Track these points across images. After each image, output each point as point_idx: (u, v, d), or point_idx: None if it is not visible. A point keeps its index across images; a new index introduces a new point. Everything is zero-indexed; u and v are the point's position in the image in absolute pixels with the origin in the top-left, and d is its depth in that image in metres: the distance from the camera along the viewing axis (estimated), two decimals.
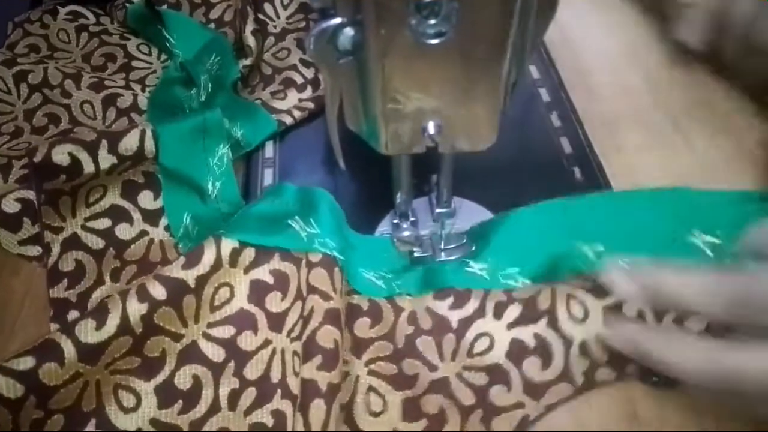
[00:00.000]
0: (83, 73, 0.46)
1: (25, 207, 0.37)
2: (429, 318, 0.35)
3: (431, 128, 0.28)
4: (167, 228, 0.39)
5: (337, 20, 0.25)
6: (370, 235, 0.39)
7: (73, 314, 0.35)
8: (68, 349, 0.30)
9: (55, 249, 0.37)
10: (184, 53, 0.46)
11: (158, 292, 0.32)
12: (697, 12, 0.44)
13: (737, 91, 0.46)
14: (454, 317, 0.35)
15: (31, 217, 0.37)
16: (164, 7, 0.49)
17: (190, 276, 0.33)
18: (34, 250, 0.38)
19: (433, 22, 0.23)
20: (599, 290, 0.34)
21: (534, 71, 0.49)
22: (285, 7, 0.52)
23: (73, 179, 0.36)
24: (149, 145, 0.38)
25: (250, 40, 0.46)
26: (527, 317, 0.34)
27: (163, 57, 0.49)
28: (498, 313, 0.34)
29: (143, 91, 0.46)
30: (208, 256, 0.33)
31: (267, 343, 0.34)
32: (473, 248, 0.36)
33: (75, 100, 0.45)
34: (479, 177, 0.40)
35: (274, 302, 0.34)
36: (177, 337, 0.33)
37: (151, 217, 0.39)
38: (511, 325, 0.34)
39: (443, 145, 0.29)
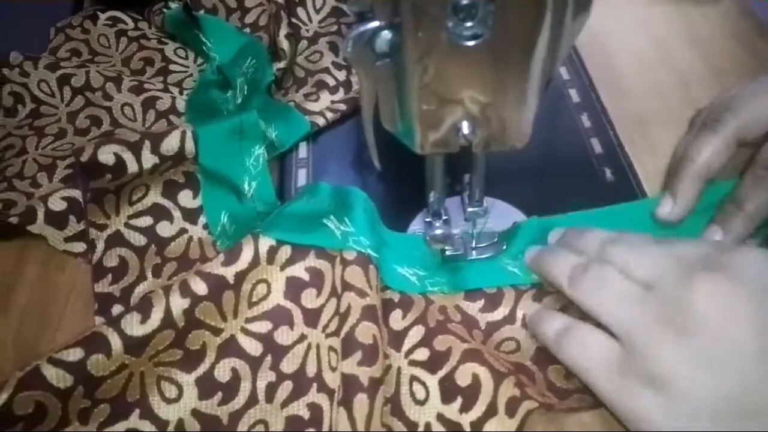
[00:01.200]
0: (123, 77, 0.47)
1: (70, 205, 0.38)
2: (459, 314, 0.35)
3: (465, 128, 0.28)
4: (206, 226, 0.40)
5: (375, 23, 0.25)
6: (402, 233, 0.39)
7: (116, 308, 0.36)
8: (115, 341, 0.31)
9: (100, 245, 0.38)
10: (221, 57, 0.47)
11: (200, 287, 0.33)
12: None
13: None
14: (483, 320, 0.35)
15: (77, 215, 0.39)
16: (201, 12, 0.50)
17: (229, 272, 0.34)
18: (80, 247, 0.39)
19: (469, 24, 0.24)
20: None
21: (564, 72, 0.49)
22: (317, 11, 0.53)
23: (118, 178, 0.37)
24: (189, 145, 0.39)
25: (284, 44, 0.47)
26: None
27: (200, 61, 0.51)
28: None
29: (181, 93, 0.48)
30: (247, 254, 0.34)
31: (303, 338, 0.35)
32: (505, 247, 0.37)
33: (116, 102, 0.46)
34: (510, 177, 0.41)
35: (310, 298, 0.35)
36: (217, 332, 0.34)
37: (191, 215, 0.40)
38: None
39: (477, 144, 0.29)
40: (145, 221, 0.39)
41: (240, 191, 0.41)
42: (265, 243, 0.35)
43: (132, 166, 0.37)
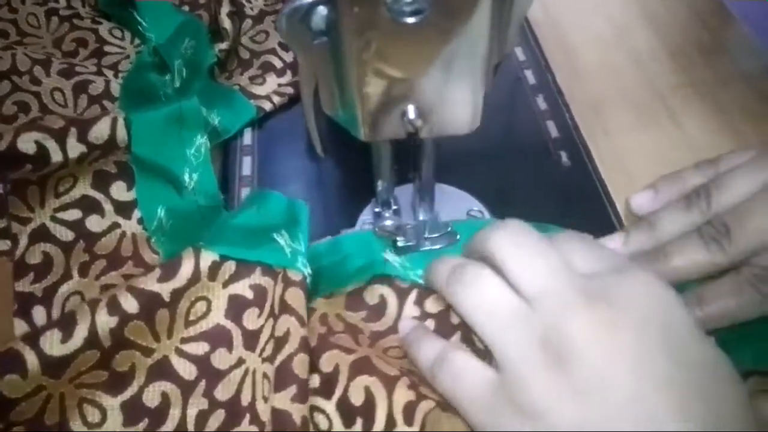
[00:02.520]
0: (53, 59, 0.44)
1: None
2: (341, 323, 0.33)
3: (411, 113, 0.26)
4: (140, 221, 0.37)
5: None
6: (350, 227, 0.37)
7: (37, 309, 0.34)
8: (31, 360, 0.28)
9: (23, 241, 0.35)
10: (157, 37, 0.44)
11: (130, 305, 0.30)
12: None
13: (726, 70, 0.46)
14: (367, 329, 0.33)
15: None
16: None
17: (165, 289, 0.31)
18: (4, 245, 0.36)
19: None
20: None
21: (519, 53, 0.47)
22: None
23: (41, 168, 0.34)
24: (121, 133, 0.36)
25: (226, 23, 0.45)
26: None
27: (137, 41, 0.48)
28: None
29: (116, 77, 0.45)
30: (186, 269, 0.31)
31: (240, 362, 0.32)
32: (458, 237, 0.35)
33: (45, 87, 0.43)
34: (464, 163, 0.40)
35: (251, 319, 0.32)
36: (148, 352, 0.31)
37: (124, 209, 0.37)
38: None
39: (424, 130, 0.28)
40: (73, 215, 0.36)
41: (180, 183, 0.38)
42: (208, 258, 0.32)
43: (56, 156, 0.34)
